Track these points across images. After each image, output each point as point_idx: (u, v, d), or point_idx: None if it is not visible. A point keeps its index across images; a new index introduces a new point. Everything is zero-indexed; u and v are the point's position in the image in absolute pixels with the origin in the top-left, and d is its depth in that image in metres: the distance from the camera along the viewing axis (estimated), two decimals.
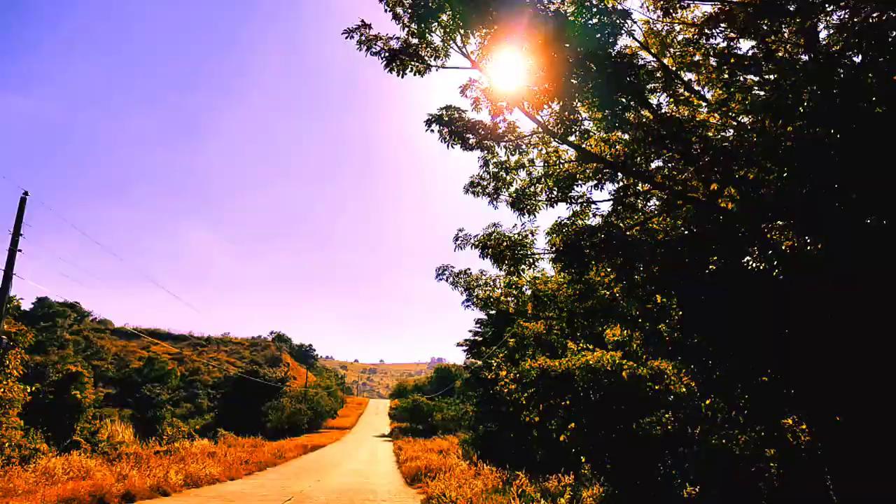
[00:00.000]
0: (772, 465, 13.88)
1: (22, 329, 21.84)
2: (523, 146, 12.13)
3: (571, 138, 11.46)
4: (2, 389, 18.76)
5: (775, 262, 7.80)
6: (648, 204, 12.47)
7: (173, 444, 33.81)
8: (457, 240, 12.78)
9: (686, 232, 10.50)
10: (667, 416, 17.61)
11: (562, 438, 20.24)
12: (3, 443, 18.37)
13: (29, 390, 21.02)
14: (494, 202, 12.46)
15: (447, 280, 14.23)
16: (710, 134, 10.32)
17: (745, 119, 10.36)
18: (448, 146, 11.29)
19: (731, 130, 10.60)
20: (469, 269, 13.79)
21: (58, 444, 21.73)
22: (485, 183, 12.33)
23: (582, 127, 11.29)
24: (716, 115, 10.71)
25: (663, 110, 10.81)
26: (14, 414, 19.31)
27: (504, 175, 12.18)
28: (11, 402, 19.09)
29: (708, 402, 12.65)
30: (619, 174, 11.63)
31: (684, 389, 12.54)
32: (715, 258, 9.67)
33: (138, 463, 20.74)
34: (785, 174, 9.25)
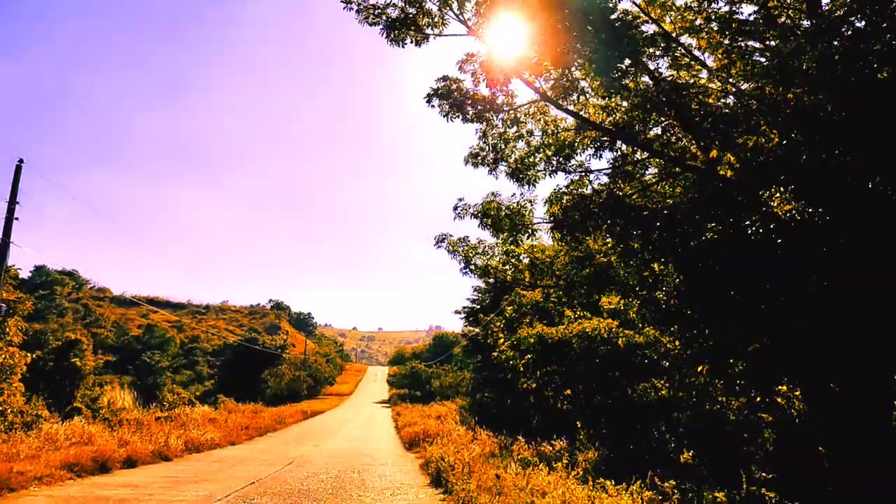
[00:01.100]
0: (766, 430, 14.09)
1: (21, 297, 21.84)
2: (521, 117, 12.05)
3: (570, 106, 11.36)
4: (2, 356, 18.86)
5: (773, 229, 7.80)
6: (646, 172, 12.42)
7: (174, 411, 34.16)
8: (456, 209, 12.77)
9: (684, 199, 10.48)
10: (661, 382, 17.81)
11: (558, 405, 20.50)
12: (5, 409, 18.54)
13: (29, 357, 21.15)
14: (494, 172, 12.42)
15: (445, 248, 14.25)
16: (711, 100, 10.23)
17: (745, 85, 10.26)
18: (448, 119, 11.23)
19: (732, 97, 10.51)
20: (467, 236, 13.81)
21: (59, 411, 21.94)
22: (484, 154, 12.28)
23: (581, 95, 11.19)
24: (716, 81, 10.60)
25: (663, 76, 10.70)
26: (15, 380, 19.45)
27: (503, 146, 12.12)
28: (12, 369, 19.22)
29: (701, 368, 12.77)
30: (618, 142, 11.56)
31: (680, 356, 12.65)
32: (713, 225, 9.67)
33: (139, 429, 20.97)
34: (785, 141, 9.20)
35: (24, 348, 21.37)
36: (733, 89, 10.45)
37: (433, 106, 11.28)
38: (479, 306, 48.89)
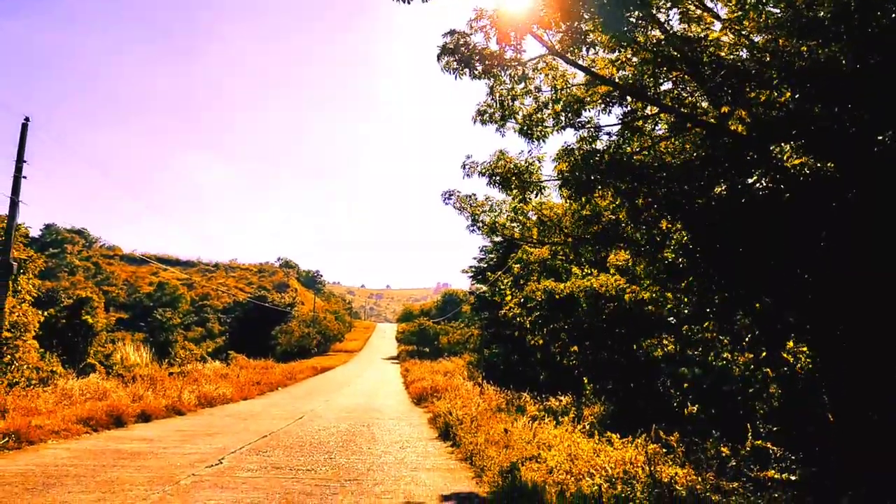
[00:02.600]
0: (771, 385, 14.20)
1: (32, 255, 22.04)
2: (529, 72, 11.83)
3: (579, 61, 11.15)
4: (16, 314, 19.15)
5: (782, 185, 7.72)
6: (656, 128, 12.26)
7: (186, 367, 34.75)
8: (464, 167, 12.67)
9: (694, 155, 10.36)
10: (668, 338, 17.91)
11: (565, 361, 20.71)
12: (21, 365, 18.91)
13: (42, 315, 21.45)
14: (501, 130, 12.26)
15: (453, 205, 14.18)
16: (723, 53, 10.01)
17: (758, 38, 10.03)
18: (455, 77, 11.04)
19: (745, 50, 10.28)
20: (475, 193, 13.72)
21: (73, 367, 22.36)
22: (492, 111, 12.11)
23: (590, 48, 10.97)
24: (729, 33, 10.35)
25: (674, 29, 10.47)
26: (29, 338, 19.79)
27: (510, 102, 11.94)
28: (25, 326, 19.53)
29: (708, 324, 12.81)
30: (628, 97, 11.38)
31: (686, 313, 12.70)
32: (722, 182, 9.57)
33: (153, 384, 21.37)
34: (797, 95, 9.03)
35: (37, 306, 21.67)
36: (746, 42, 10.21)
37: (442, 65, 11.09)
38: (486, 265, 49.04)
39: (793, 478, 9.78)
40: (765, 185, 8.04)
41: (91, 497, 7.65)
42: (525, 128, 11.85)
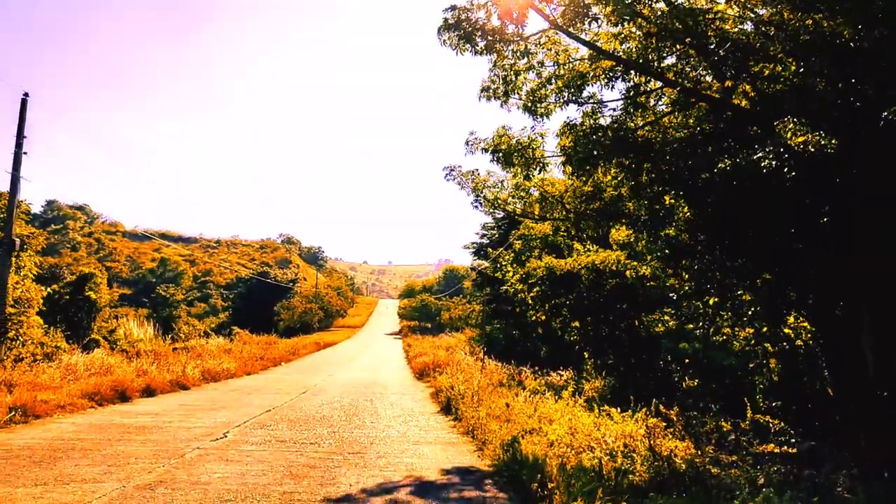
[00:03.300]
0: (772, 359, 14.27)
1: (34, 232, 22.07)
2: (532, 48, 11.71)
3: (583, 35, 11.04)
4: (19, 290, 19.22)
5: (786, 161, 7.68)
6: (660, 103, 12.18)
7: (190, 342, 34.97)
8: (468, 143, 12.62)
9: (698, 130, 10.30)
10: (669, 313, 17.96)
11: (566, 336, 20.80)
12: (25, 340, 19.03)
13: (45, 291, 21.54)
14: (505, 106, 12.18)
15: (455, 181, 14.16)
16: (727, 27, 9.90)
17: (763, 11, 9.91)
18: (456, 53, 10.94)
19: (749, 23, 10.16)
20: (477, 169, 13.67)
21: (77, 343, 22.49)
22: (495, 86, 12.02)
23: (593, 21, 10.84)
24: (734, 6, 10.23)
25: (679, 1, 10.34)
26: (32, 313, 19.89)
27: (513, 78, 11.84)
28: (29, 302, 19.62)
29: (709, 299, 12.84)
30: (631, 72, 11.27)
31: (688, 288, 12.72)
32: (726, 157, 9.52)
33: (157, 360, 21.51)
34: (802, 69, 8.95)
35: (40, 282, 21.76)
36: (751, 15, 10.09)
37: (443, 41, 10.96)
38: (487, 241, 49.04)
39: (792, 451, 9.88)
40: (768, 161, 7.99)
41: (97, 470, 7.76)
42: (528, 104, 11.76)
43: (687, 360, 17.17)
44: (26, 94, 17.91)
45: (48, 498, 6.37)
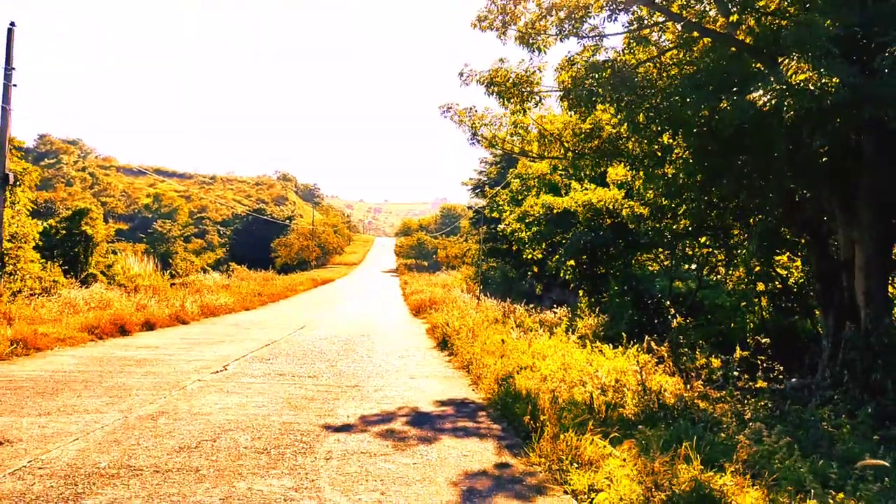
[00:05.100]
0: (762, 299, 14.46)
1: (27, 167, 21.83)
2: None
3: None
4: (14, 225, 19.16)
5: (786, 97, 7.56)
6: (662, 38, 11.90)
7: (188, 278, 35.16)
8: (462, 75, 12.30)
9: (700, 66, 10.09)
10: (664, 253, 18.06)
11: (561, 274, 20.97)
12: (24, 274, 19.10)
13: (41, 226, 21.47)
14: (503, 38, 11.84)
15: (451, 118, 13.88)
16: None
17: None
18: None
19: None
20: (474, 106, 13.35)
21: (75, 278, 22.56)
22: (492, 17, 11.65)
23: None
24: None
25: None
26: (29, 248, 19.87)
27: (512, 7, 11.48)
28: (25, 237, 19.58)
29: (704, 239, 12.88)
30: (635, 5, 10.98)
31: (684, 223, 12.75)
32: (726, 95, 9.37)
33: (156, 294, 21.66)
34: (807, 4, 8.73)
35: (35, 217, 21.67)
36: None
37: None
38: (485, 177, 48.80)
39: (779, 387, 10.12)
40: (769, 99, 7.87)
41: (100, 401, 7.93)
42: (526, 36, 11.45)
43: (680, 299, 17.38)
44: (12, 24, 17.40)
45: (52, 427, 6.53)
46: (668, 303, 16.19)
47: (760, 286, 13.89)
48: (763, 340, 10.94)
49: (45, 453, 5.61)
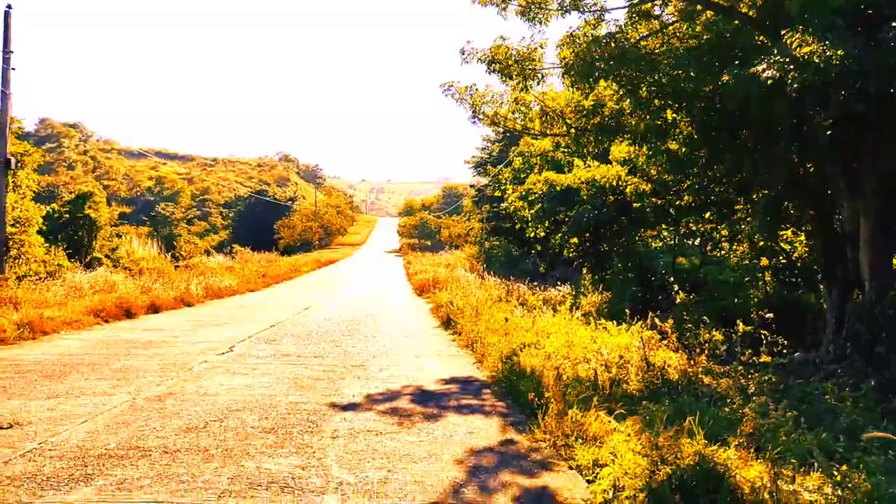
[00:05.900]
0: (766, 274, 14.44)
1: (28, 150, 21.77)
2: None
3: None
4: (18, 209, 19.16)
5: (790, 70, 7.49)
6: (665, 12, 11.77)
7: (192, 260, 35.21)
8: (463, 53, 12.19)
9: (704, 39, 9.99)
10: (667, 229, 18.01)
11: (565, 252, 20.95)
12: (29, 259, 19.14)
13: (44, 210, 21.48)
14: (503, 13, 11.72)
15: (452, 97, 13.78)
16: None
17: None
18: None
19: None
20: (475, 84, 13.24)
21: (79, 262, 22.60)
22: None
23: None
24: None
25: None
26: (32, 232, 19.88)
27: None
28: (28, 221, 19.59)
29: (707, 215, 12.83)
30: None
31: (688, 199, 12.70)
32: (728, 70, 9.28)
33: (160, 277, 21.73)
34: None
35: (38, 201, 21.65)
36: None
37: None
38: (488, 155, 48.61)
39: (783, 361, 10.13)
40: (772, 72, 7.79)
41: (107, 384, 7.99)
42: (527, 9, 11.32)
43: (684, 275, 17.37)
44: (9, 6, 17.27)
45: (61, 410, 6.59)
46: (672, 279, 16.18)
47: (764, 261, 13.86)
48: (767, 315, 10.91)
49: (54, 435, 5.67)
